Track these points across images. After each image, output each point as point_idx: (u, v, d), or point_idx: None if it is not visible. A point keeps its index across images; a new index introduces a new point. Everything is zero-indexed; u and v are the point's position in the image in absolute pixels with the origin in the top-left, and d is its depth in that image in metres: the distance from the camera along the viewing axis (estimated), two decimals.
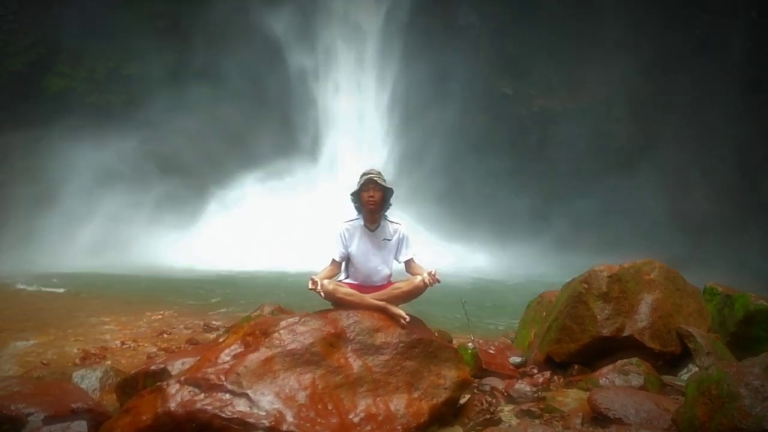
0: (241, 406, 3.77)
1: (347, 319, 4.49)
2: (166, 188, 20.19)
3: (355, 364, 4.24)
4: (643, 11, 21.47)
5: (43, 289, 12.35)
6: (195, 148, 22.33)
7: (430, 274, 4.71)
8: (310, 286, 4.58)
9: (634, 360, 5.01)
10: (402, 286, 4.80)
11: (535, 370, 5.58)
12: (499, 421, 4.38)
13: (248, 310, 8.09)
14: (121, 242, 18.30)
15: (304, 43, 22.88)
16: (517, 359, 5.92)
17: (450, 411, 4.42)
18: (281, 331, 4.29)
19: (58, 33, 21.10)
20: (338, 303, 4.70)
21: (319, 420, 3.82)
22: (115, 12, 21.54)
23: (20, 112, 20.55)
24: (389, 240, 4.99)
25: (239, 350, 4.25)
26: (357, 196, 4.94)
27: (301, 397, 3.93)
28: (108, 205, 19.19)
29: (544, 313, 6.39)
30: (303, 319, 4.44)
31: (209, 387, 3.84)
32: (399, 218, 5.17)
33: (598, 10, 21.49)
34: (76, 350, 7.22)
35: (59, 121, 20.08)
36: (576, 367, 5.43)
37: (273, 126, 22.64)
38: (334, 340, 4.33)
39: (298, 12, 22.29)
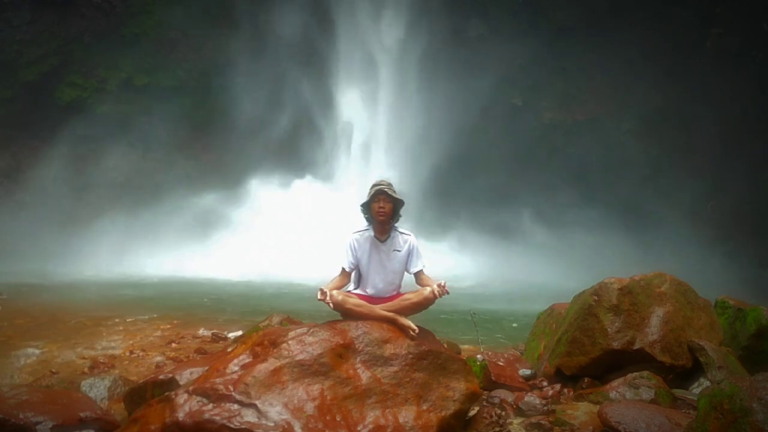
0: (249, 416, 3.76)
1: (356, 330, 4.47)
2: (176, 198, 20.30)
3: (364, 375, 4.23)
4: (654, 23, 21.44)
5: (51, 295, 12.40)
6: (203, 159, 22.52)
7: (439, 285, 4.69)
8: (319, 296, 4.57)
9: (645, 373, 4.96)
10: (411, 297, 4.78)
11: (545, 383, 5.53)
12: None
13: (257, 320, 8.08)
14: (131, 251, 18.38)
15: (314, 53, 22.98)
16: (526, 372, 5.87)
17: (459, 423, 4.39)
18: (290, 342, 4.29)
19: (71, 44, 21.30)
20: (347, 314, 4.69)
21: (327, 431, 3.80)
22: (127, 23, 21.74)
23: (32, 122, 20.73)
24: (399, 251, 4.97)
25: (248, 360, 4.24)
26: (367, 207, 4.94)
27: (310, 408, 3.91)
28: (117, 215, 19.34)
29: (554, 326, 6.34)
30: (312, 330, 4.43)
31: (217, 397, 3.84)
32: (409, 229, 5.15)
33: (608, 22, 21.50)
34: (84, 359, 7.24)
35: (71, 131, 20.27)
36: (586, 380, 5.39)
37: (285, 140, 22.75)
38: (343, 351, 4.31)
39: (309, 21, 22.42)
